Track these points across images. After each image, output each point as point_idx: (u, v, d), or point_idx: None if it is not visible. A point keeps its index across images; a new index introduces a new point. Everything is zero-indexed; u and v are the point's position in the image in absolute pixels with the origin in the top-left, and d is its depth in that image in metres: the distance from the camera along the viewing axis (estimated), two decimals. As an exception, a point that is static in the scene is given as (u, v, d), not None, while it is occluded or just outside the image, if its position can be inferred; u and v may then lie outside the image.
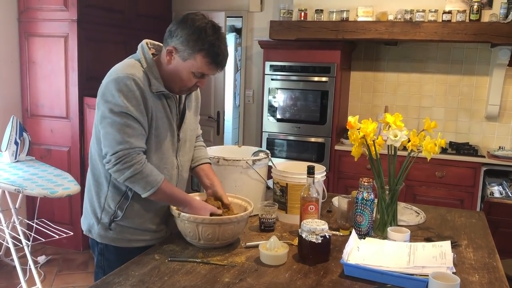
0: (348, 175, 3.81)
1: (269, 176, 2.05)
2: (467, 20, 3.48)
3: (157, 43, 1.71)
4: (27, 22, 3.72)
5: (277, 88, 4.00)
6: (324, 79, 3.83)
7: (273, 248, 1.53)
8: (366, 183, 1.71)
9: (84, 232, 1.73)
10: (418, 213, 2.09)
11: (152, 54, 1.65)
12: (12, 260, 3.12)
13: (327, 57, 3.80)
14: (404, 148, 1.77)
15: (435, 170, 3.59)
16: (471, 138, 4.01)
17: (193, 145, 1.85)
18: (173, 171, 1.70)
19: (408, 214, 2.07)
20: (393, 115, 1.72)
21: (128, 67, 1.57)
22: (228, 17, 4.40)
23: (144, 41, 1.66)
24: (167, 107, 1.63)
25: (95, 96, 1.61)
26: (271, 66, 3.99)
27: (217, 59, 1.57)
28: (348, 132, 1.81)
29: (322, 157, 3.87)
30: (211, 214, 1.63)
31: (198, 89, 1.84)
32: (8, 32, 3.70)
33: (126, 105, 1.51)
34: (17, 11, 3.73)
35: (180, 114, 1.72)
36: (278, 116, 4.04)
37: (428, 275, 1.32)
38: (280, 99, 4.02)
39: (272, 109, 4.05)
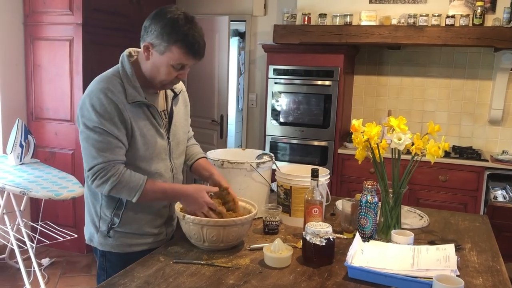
0: (351, 179, 3.81)
1: (273, 179, 2.06)
2: (470, 25, 3.49)
3: (140, 50, 1.70)
4: (32, 25, 3.75)
5: (281, 92, 4.02)
6: (327, 83, 3.84)
7: (277, 251, 1.53)
8: (370, 186, 1.71)
9: (86, 241, 1.75)
10: (421, 216, 2.09)
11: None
12: (17, 262, 3.14)
13: (331, 61, 3.81)
14: (408, 152, 1.77)
15: (439, 174, 3.59)
16: (474, 142, 4.01)
17: (185, 146, 1.87)
18: (168, 174, 1.71)
19: (412, 217, 2.07)
20: (397, 119, 1.73)
21: (103, 81, 1.58)
22: (231, 21, 4.42)
23: (127, 50, 1.66)
24: (149, 114, 1.63)
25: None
26: (274, 70, 4.00)
27: (193, 48, 1.55)
28: (352, 135, 1.81)
29: (325, 160, 3.88)
30: (215, 213, 1.64)
31: (186, 93, 1.86)
32: (13, 36, 3.73)
33: (98, 119, 1.52)
34: (22, 14, 3.76)
35: (168, 117, 1.73)
36: (282, 120, 4.05)
37: (432, 278, 1.32)
38: (283, 102, 4.03)
39: (276, 113, 4.06)
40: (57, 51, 3.69)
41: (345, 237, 1.80)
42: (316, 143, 3.95)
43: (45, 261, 3.58)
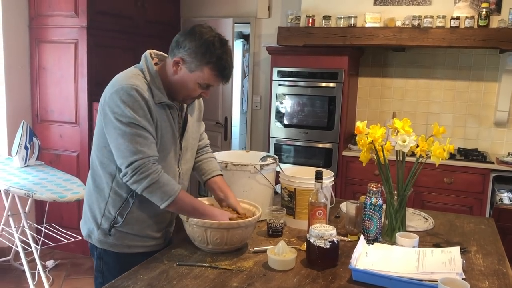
0: (356, 181, 3.80)
1: (277, 181, 2.05)
2: (476, 26, 3.47)
3: (160, 53, 1.73)
4: (37, 28, 3.77)
5: (285, 94, 4.01)
6: (331, 85, 3.84)
7: (281, 253, 1.53)
8: (374, 189, 1.70)
9: (83, 237, 1.74)
10: (426, 219, 2.08)
11: (155, 63, 1.67)
12: (21, 264, 3.14)
13: (335, 63, 3.80)
14: (413, 154, 1.77)
15: (444, 176, 3.57)
16: (480, 144, 3.99)
17: (195, 153, 1.85)
18: (175, 179, 1.71)
19: (417, 220, 2.06)
20: (402, 121, 1.72)
21: (130, 78, 1.58)
22: (236, 23, 4.42)
23: (148, 52, 1.68)
24: (170, 117, 1.65)
25: (102, 101, 1.63)
26: (278, 72, 4.00)
27: (224, 72, 1.60)
28: (357, 137, 1.81)
29: (330, 163, 3.87)
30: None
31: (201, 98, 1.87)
32: (19, 39, 3.75)
33: (133, 115, 1.52)
34: (28, 17, 3.78)
35: (182, 122, 1.73)
36: (286, 122, 4.05)
37: (437, 281, 1.31)
38: (287, 104, 4.02)
39: (280, 115, 4.06)
40: (62, 54, 3.70)
41: (349, 239, 1.79)
42: (320, 145, 3.94)
43: (50, 263, 3.58)
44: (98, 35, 3.68)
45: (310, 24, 3.87)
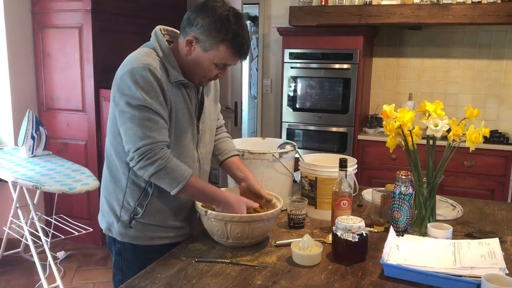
0: (372, 166, 3.68)
1: (295, 169, 1.95)
2: (499, 1, 3.30)
3: (171, 29, 1.62)
4: (40, 13, 3.65)
5: (297, 77, 3.88)
6: (346, 66, 3.70)
7: (306, 248, 1.43)
8: (404, 177, 1.59)
9: (103, 231, 1.65)
10: (454, 206, 1.97)
11: (167, 41, 1.55)
12: (32, 256, 3.08)
13: (349, 43, 3.66)
14: (442, 138, 1.65)
15: (464, 159, 3.44)
16: (500, 126, 3.84)
17: (214, 136, 1.75)
18: (195, 164, 1.61)
19: (444, 207, 1.95)
20: (433, 103, 1.60)
21: (143, 56, 1.47)
22: (244, 4, 4.26)
23: (158, 28, 1.56)
24: (186, 97, 1.54)
25: (111, 88, 1.52)
26: (290, 53, 3.86)
27: (241, 49, 1.48)
28: (384, 122, 1.69)
29: (345, 147, 3.75)
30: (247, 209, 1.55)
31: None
32: (21, 24, 3.63)
33: (144, 97, 1.42)
34: (30, 2, 3.65)
35: (199, 103, 1.62)
36: (298, 106, 3.92)
37: (478, 277, 1.21)
38: (300, 87, 3.89)
39: (292, 99, 3.93)
40: (67, 39, 3.59)
41: (375, 230, 1.69)
42: (334, 129, 3.82)
43: (61, 254, 3.53)
44: (103, 19, 3.56)
45: (323, 3, 3.71)
